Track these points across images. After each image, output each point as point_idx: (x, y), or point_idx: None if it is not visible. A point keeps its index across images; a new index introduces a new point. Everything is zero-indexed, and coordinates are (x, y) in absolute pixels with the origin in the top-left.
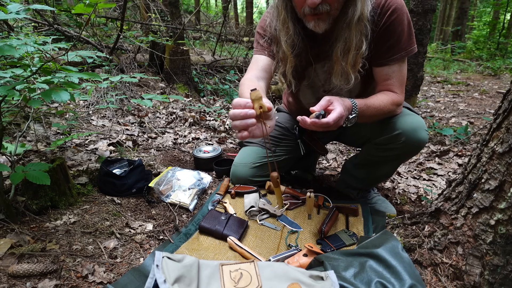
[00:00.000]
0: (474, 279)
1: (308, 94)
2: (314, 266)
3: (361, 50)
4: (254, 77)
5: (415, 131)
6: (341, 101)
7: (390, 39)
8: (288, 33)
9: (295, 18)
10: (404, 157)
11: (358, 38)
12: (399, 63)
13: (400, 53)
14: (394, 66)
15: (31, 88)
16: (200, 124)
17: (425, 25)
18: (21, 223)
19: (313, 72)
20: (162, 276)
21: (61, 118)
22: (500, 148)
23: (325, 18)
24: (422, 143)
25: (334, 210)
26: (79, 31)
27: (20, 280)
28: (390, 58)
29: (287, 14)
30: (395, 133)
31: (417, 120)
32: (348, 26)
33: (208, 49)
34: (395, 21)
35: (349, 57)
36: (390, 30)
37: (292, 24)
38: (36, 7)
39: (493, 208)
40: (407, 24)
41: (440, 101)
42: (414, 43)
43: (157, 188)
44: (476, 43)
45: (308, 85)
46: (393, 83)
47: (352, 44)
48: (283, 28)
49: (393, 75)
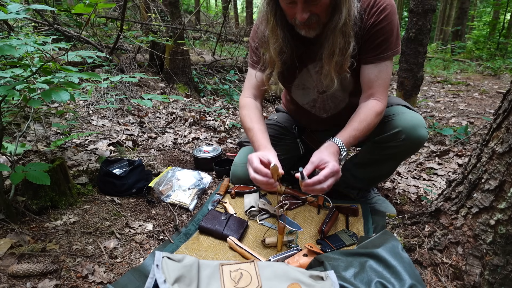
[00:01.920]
0: (474, 279)
1: (301, 95)
2: (314, 266)
3: (347, 52)
4: (252, 100)
5: (414, 129)
6: (330, 155)
7: (379, 37)
8: (277, 40)
9: (285, 24)
10: (404, 155)
11: (343, 43)
12: (386, 63)
13: (387, 52)
14: (381, 65)
15: (31, 88)
16: (200, 124)
17: (425, 25)
18: (21, 223)
19: (306, 73)
20: (162, 276)
21: (61, 118)
22: (500, 148)
23: (315, 27)
24: (422, 140)
25: (334, 210)
26: (79, 31)
27: (20, 280)
28: (378, 56)
29: (276, 22)
30: (395, 131)
31: (417, 117)
32: (333, 32)
33: (208, 49)
34: (384, 19)
35: (332, 61)
36: (380, 28)
37: (281, 31)
38: (36, 7)
39: (493, 208)
40: (396, 24)
41: (440, 101)
42: (400, 44)
43: (157, 188)
44: (476, 43)
45: (300, 86)
46: (378, 85)
47: (336, 49)
48: (272, 35)
49: (378, 75)
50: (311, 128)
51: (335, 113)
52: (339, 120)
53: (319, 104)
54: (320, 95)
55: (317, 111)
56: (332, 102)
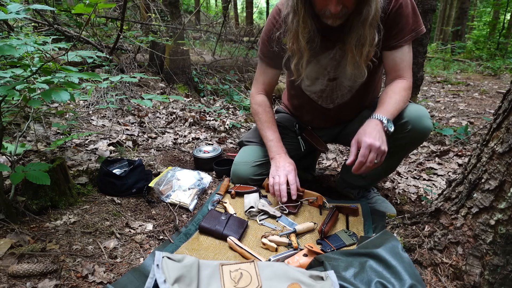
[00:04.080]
0: (474, 279)
1: (311, 83)
2: (314, 266)
3: (374, 42)
4: (265, 98)
5: (420, 119)
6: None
7: (400, 22)
8: (306, 28)
9: (313, 13)
10: (410, 147)
11: (372, 35)
12: (408, 45)
13: (410, 33)
14: (405, 48)
15: (31, 88)
16: (200, 124)
17: (425, 25)
18: (21, 223)
19: (317, 62)
20: (162, 276)
21: (61, 118)
22: (500, 148)
23: (342, 17)
24: (427, 130)
25: (334, 210)
26: (79, 31)
27: (20, 280)
28: (401, 40)
29: (306, 11)
30: (402, 121)
31: (421, 109)
32: (363, 24)
33: (208, 49)
34: (402, 4)
35: (363, 52)
36: (399, 13)
37: (311, 20)
38: (36, 7)
39: (493, 208)
40: (412, 5)
41: (440, 101)
42: (421, 22)
43: (157, 188)
44: (476, 43)
45: (309, 76)
46: (403, 68)
47: (367, 41)
48: (303, 24)
49: (403, 57)
50: (313, 125)
51: (341, 103)
52: (342, 113)
53: (326, 94)
54: (329, 83)
55: (323, 101)
56: (339, 91)
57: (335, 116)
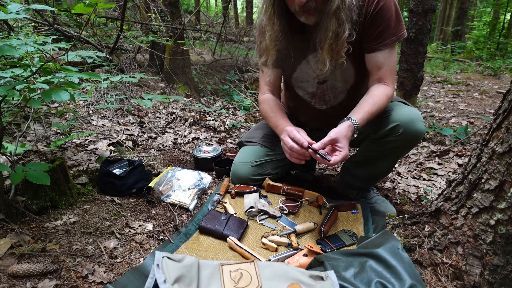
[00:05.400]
0: (474, 279)
1: (301, 87)
2: (314, 266)
3: (342, 37)
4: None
5: (412, 122)
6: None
7: (380, 25)
8: (273, 28)
9: (283, 13)
10: (403, 150)
11: (336, 26)
12: (390, 49)
13: (390, 38)
14: (385, 52)
15: (31, 88)
16: (200, 124)
17: (425, 25)
18: (21, 223)
19: (305, 64)
20: (162, 276)
21: (61, 118)
22: (500, 148)
23: (313, 13)
24: (419, 134)
25: (333, 210)
26: (79, 31)
27: (20, 280)
28: (381, 43)
29: (274, 10)
30: (393, 125)
31: (414, 111)
32: (327, 16)
33: (208, 49)
34: (383, 8)
35: (325, 44)
36: (379, 16)
37: (278, 19)
38: (36, 7)
39: (493, 208)
40: (395, 9)
41: (440, 101)
42: (404, 27)
43: (157, 188)
44: (476, 43)
45: (299, 79)
46: (384, 72)
47: (329, 33)
48: (269, 24)
49: (385, 61)
50: (310, 126)
51: (334, 105)
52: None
53: (318, 96)
54: (320, 86)
55: (316, 102)
56: (331, 93)
57: (330, 117)
